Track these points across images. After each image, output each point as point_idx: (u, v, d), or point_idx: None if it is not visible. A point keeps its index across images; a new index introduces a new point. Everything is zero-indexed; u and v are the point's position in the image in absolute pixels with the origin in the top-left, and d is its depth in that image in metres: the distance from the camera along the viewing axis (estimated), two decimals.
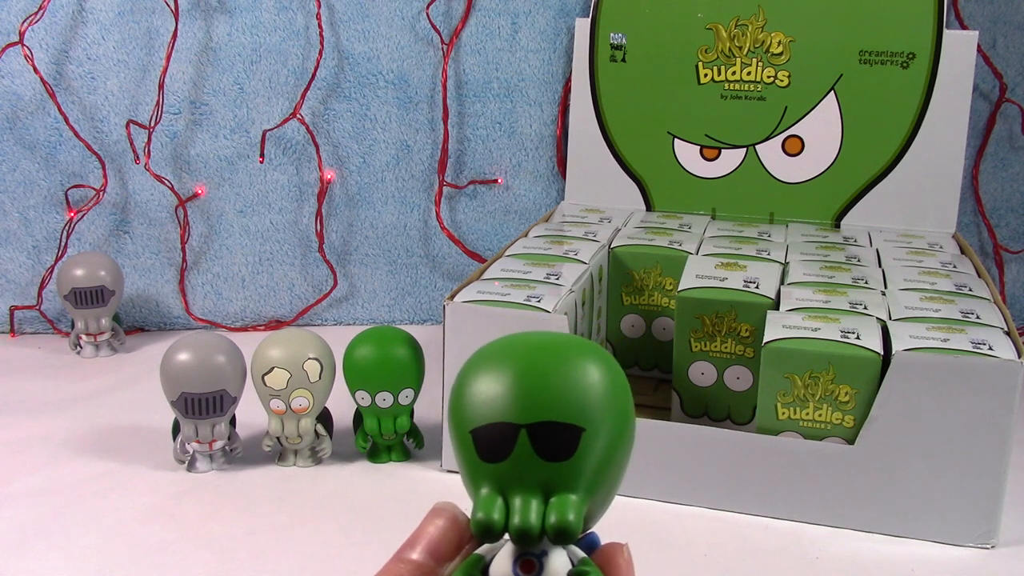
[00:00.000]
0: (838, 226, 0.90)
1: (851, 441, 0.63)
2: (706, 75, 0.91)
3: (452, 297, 0.69)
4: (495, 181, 0.99)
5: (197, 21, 0.94)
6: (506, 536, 0.31)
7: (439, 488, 0.70)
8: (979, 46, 0.89)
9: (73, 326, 0.93)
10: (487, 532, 0.30)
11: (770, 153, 0.91)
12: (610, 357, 0.33)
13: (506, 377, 0.31)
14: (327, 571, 0.60)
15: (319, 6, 0.93)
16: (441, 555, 0.32)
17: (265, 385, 0.69)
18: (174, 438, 0.71)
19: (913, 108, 0.87)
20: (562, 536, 0.30)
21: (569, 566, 0.31)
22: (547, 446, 0.30)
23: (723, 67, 0.90)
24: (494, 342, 0.33)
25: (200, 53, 0.94)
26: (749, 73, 0.90)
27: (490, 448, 0.31)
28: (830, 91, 0.88)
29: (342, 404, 0.73)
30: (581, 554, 0.32)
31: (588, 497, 0.31)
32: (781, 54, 0.89)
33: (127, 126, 0.94)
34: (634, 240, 0.82)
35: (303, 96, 0.95)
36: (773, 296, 0.70)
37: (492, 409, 0.31)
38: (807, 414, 0.64)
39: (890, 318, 0.67)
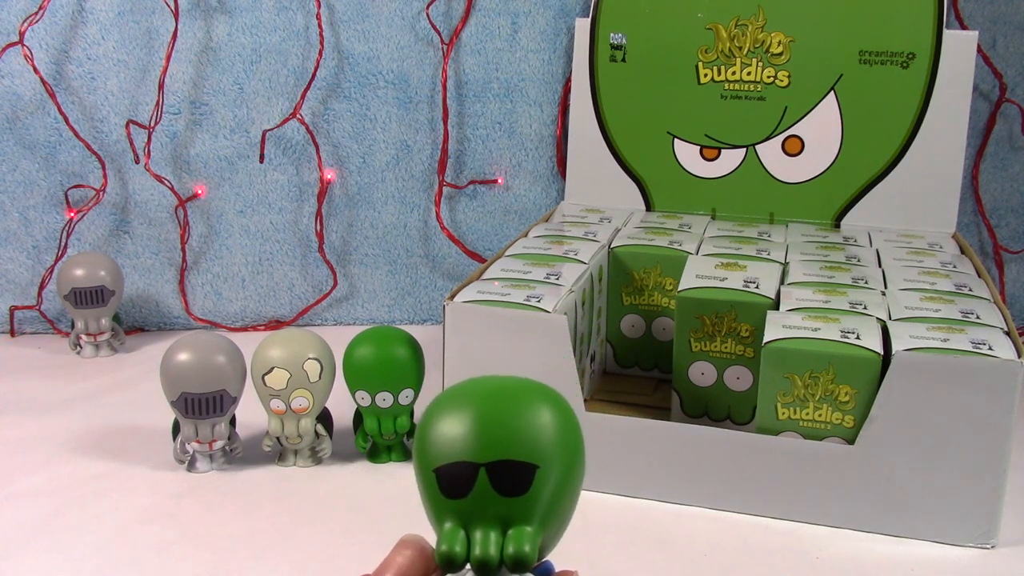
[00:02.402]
0: (838, 226, 0.90)
1: (851, 441, 0.63)
2: (706, 75, 0.91)
3: (452, 297, 0.69)
4: (495, 181, 0.99)
5: (197, 21, 0.94)
6: (468, 566, 0.33)
7: None
8: (979, 46, 0.89)
9: (73, 326, 0.93)
10: (450, 563, 0.33)
11: (770, 153, 0.91)
12: (561, 398, 0.36)
13: (466, 419, 0.34)
14: (327, 571, 0.60)
15: (319, 6, 0.93)
16: None
17: (265, 385, 0.69)
18: (174, 438, 0.71)
19: (913, 108, 0.87)
20: (519, 565, 0.33)
21: None
22: (504, 483, 0.33)
23: (723, 67, 0.90)
24: (454, 386, 0.36)
25: (200, 53, 0.94)
26: (749, 73, 0.90)
27: (452, 485, 0.34)
28: (830, 91, 0.88)
29: (342, 404, 0.73)
30: None
31: (543, 529, 0.34)
32: (781, 54, 0.89)
33: (127, 126, 0.94)
34: (634, 240, 0.82)
35: (303, 96, 0.95)
36: (773, 296, 0.70)
37: (453, 449, 0.34)
38: (807, 414, 0.64)
39: (890, 318, 0.67)
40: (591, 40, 0.93)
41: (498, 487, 0.33)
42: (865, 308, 0.68)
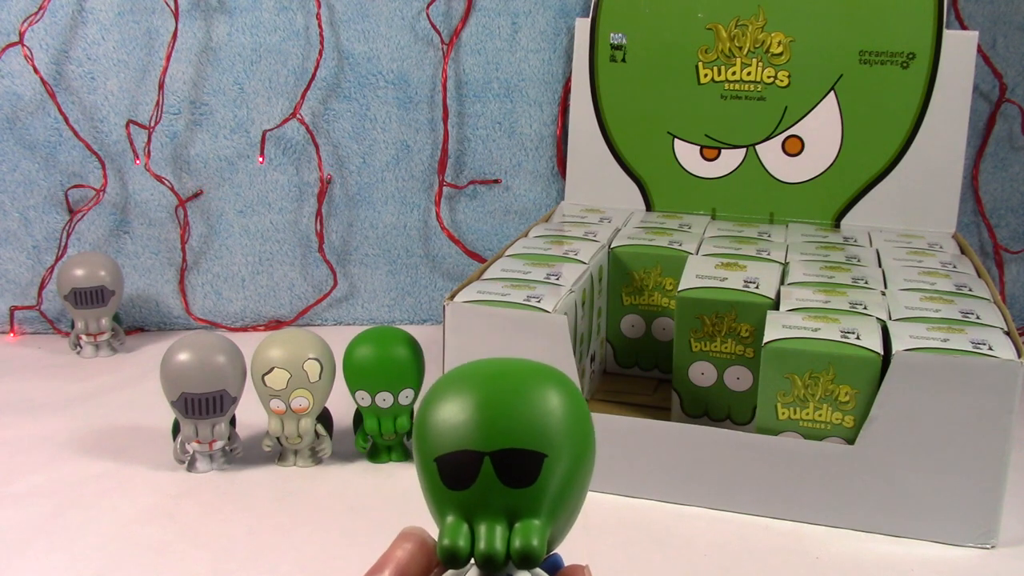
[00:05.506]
0: (838, 226, 0.90)
1: (851, 441, 0.63)
2: (706, 75, 0.91)
3: (452, 297, 0.69)
4: (495, 181, 0.99)
5: (197, 21, 0.94)
6: (472, 561, 0.31)
7: None
8: (979, 46, 0.89)
9: (73, 326, 0.93)
10: (453, 559, 0.31)
11: (770, 153, 0.91)
12: (570, 382, 0.33)
13: (469, 405, 0.32)
14: (327, 571, 0.60)
15: (319, 6, 0.93)
16: None
17: (265, 385, 0.69)
18: (174, 438, 0.71)
19: (913, 108, 0.87)
20: (526, 561, 0.31)
21: None
22: (510, 473, 0.31)
23: (723, 67, 0.90)
24: (456, 369, 0.34)
25: (200, 53, 0.94)
26: (749, 73, 0.90)
27: (455, 476, 0.31)
28: (830, 91, 0.88)
29: (342, 404, 0.73)
30: None
31: (551, 521, 0.32)
32: (781, 54, 0.89)
33: (127, 126, 0.94)
34: (634, 240, 0.82)
35: (303, 96, 0.95)
36: (773, 296, 0.70)
37: (455, 437, 0.31)
38: (807, 414, 0.64)
39: (890, 318, 0.67)
40: (591, 40, 0.93)
41: (503, 477, 0.31)
42: (865, 308, 0.68)
